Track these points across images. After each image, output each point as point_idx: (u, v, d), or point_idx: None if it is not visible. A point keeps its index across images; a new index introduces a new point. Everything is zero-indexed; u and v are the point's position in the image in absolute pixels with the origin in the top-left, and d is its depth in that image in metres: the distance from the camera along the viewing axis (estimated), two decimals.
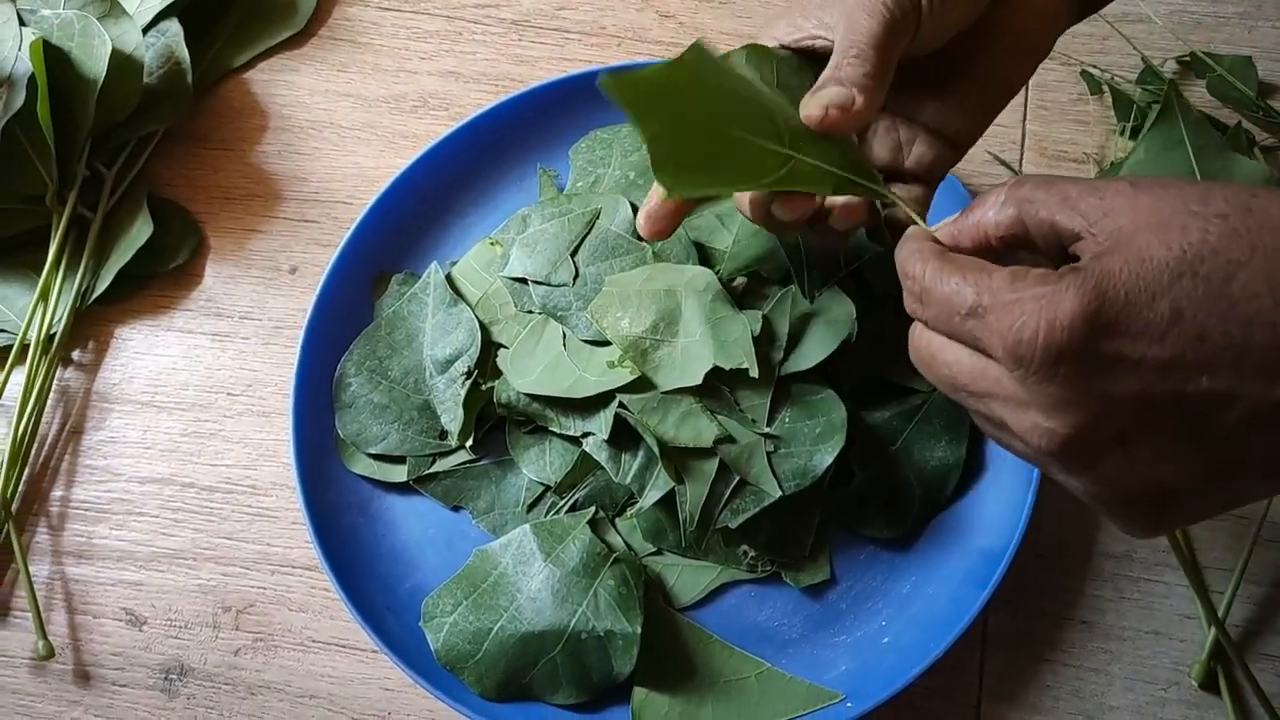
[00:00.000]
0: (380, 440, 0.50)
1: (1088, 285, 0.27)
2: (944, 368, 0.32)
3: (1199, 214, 0.27)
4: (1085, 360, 0.27)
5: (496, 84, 0.61)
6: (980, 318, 0.29)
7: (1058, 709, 0.46)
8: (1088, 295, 0.27)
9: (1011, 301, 0.28)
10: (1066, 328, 0.27)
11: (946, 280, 0.31)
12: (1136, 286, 0.27)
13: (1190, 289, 0.27)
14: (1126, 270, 0.27)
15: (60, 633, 0.50)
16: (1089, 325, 0.27)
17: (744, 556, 0.47)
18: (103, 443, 0.54)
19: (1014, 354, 0.28)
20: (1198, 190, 0.28)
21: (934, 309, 0.31)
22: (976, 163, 0.57)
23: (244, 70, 0.63)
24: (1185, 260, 0.27)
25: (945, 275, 0.31)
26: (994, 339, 0.29)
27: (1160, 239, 0.27)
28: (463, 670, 0.45)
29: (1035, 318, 0.28)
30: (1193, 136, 0.32)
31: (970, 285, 0.30)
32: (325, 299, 0.52)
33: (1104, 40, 0.60)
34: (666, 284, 0.49)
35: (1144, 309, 0.27)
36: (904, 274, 0.33)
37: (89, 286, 0.56)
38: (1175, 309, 0.27)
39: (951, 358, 0.32)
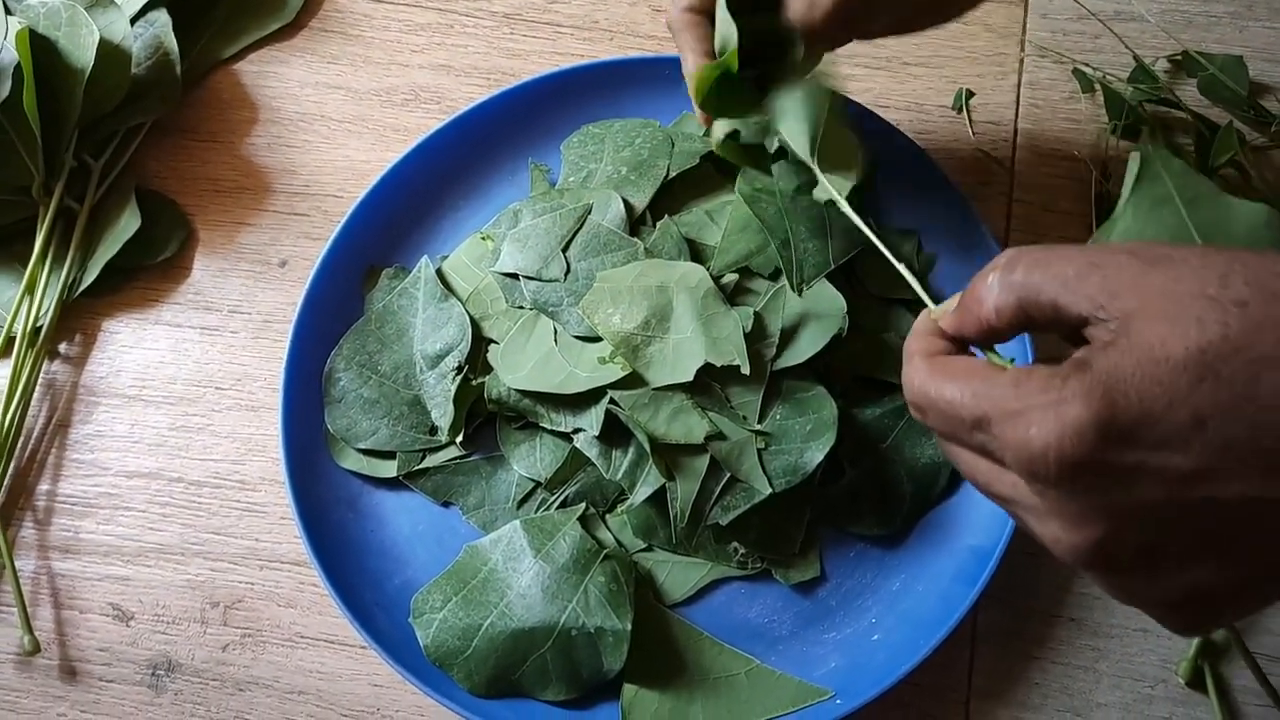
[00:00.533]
0: (370, 435, 0.50)
1: (1096, 392, 0.25)
2: (965, 470, 0.31)
3: (1216, 301, 0.25)
4: (1102, 472, 0.26)
5: (488, 78, 0.61)
6: (987, 430, 0.28)
7: (1046, 706, 0.46)
8: (1097, 403, 0.25)
9: (1018, 412, 0.27)
10: (1077, 439, 0.25)
11: (944, 390, 0.29)
12: (1151, 392, 0.25)
13: (1212, 393, 0.24)
14: (1139, 373, 0.25)
15: (46, 628, 0.49)
16: (1101, 435, 0.25)
17: (734, 553, 0.47)
18: (90, 436, 0.53)
19: (1028, 469, 0.27)
20: (1215, 268, 0.26)
21: (937, 421, 0.30)
22: (968, 161, 0.57)
23: (233, 62, 0.62)
24: (1205, 361, 0.25)
25: (943, 386, 0.29)
26: (1005, 452, 0.27)
27: (1176, 333, 0.25)
28: (452, 666, 0.45)
29: (1044, 429, 0.26)
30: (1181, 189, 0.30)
31: (970, 396, 0.28)
32: (315, 293, 0.52)
33: (1096, 39, 0.60)
34: (658, 280, 0.49)
35: (1161, 417, 0.25)
36: (904, 384, 0.32)
37: (76, 279, 0.55)
38: (1196, 417, 0.25)
39: (968, 463, 0.30)
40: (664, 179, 0.53)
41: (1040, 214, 0.56)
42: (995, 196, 0.56)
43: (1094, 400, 0.25)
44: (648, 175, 0.53)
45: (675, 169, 0.53)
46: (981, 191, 0.56)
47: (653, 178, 0.53)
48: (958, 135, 0.58)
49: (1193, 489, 0.25)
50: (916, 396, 0.31)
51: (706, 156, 0.54)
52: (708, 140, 0.54)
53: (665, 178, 0.53)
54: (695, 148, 0.54)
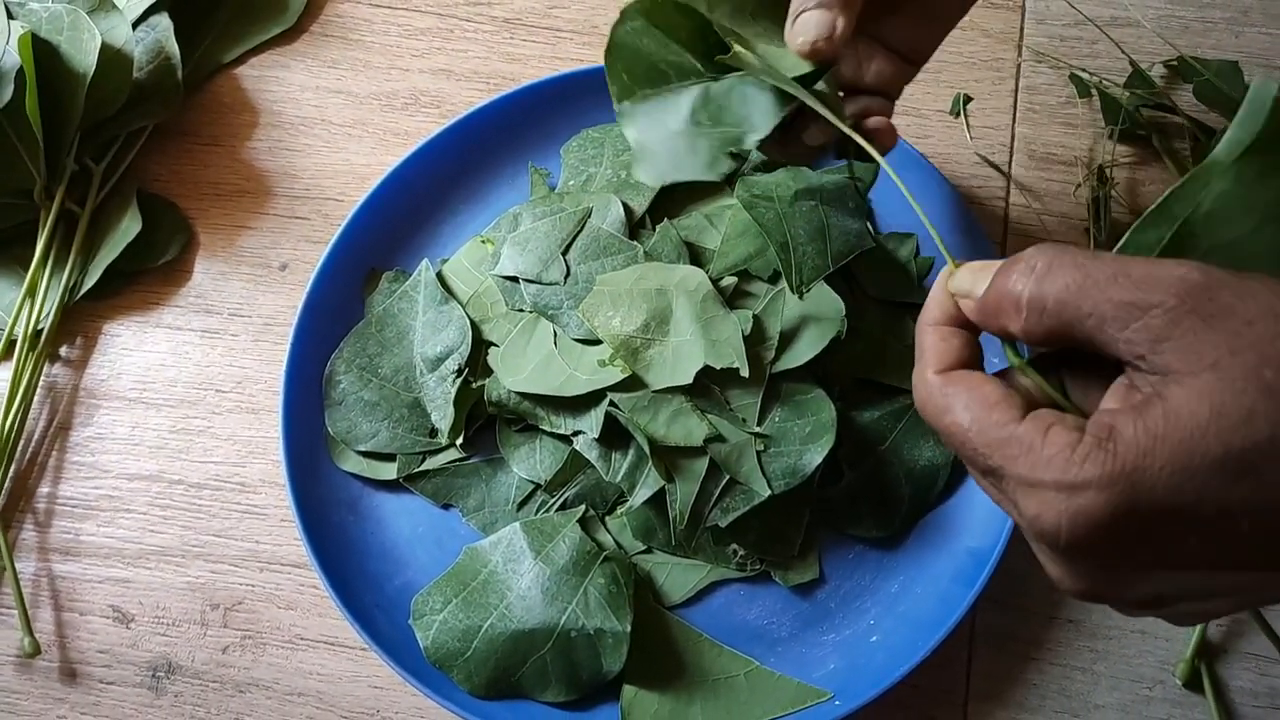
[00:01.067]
0: (370, 438, 0.50)
1: (1118, 484, 0.23)
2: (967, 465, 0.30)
3: (1273, 390, 0.23)
4: (1110, 556, 0.25)
5: (488, 82, 0.61)
6: (997, 480, 0.27)
7: (1044, 707, 0.46)
8: (1116, 496, 0.23)
9: (1031, 484, 0.25)
10: (1089, 529, 0.24)
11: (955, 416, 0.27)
12: (1179, 487, 0.23)
13: (1249, 493, 0.23)
14: (1170, 466, 0.23)
15: (47, 630, 0.49)
16: (1115, 529, 0.24)
17: (733, 555, 0.47)
18: (90, 439, 0.53)
19: (1037, 536, 0.26)
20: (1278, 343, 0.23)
21: (945, 440, 0.28)
22: (966, 164, 0.57)
23: (234, 66, 0.62)
24: (1246, 462, 0.23)
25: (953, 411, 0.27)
26: (1013, 510, 0.27)
27: (1221, 425, 0.23)
28: (452, 668, 0.45)
29: (1056, 512, 0.24)
30: None
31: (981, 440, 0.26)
32: (315, 296, 0.52)
33: (1093, 44, 0.60)
34: (658, 283, 0.49)
35: (1185, 513, 0.23)
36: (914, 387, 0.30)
37: (77, 282, 0.56)
38: (1225, 512, 0.23)
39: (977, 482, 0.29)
40: (663, 183, 0.53)
41: (1037, 218, 0.56)
42: (992, 201, 0.57)
43: (1114, 493, 0.24)
44: None
45: None
46: (979, 195, 0.57)
47: None
48: (955, 140, 0.58)
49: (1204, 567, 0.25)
50: (924, 414, 0.29)
51: None
52: None
53: (664, 181, 0.53)
54: None
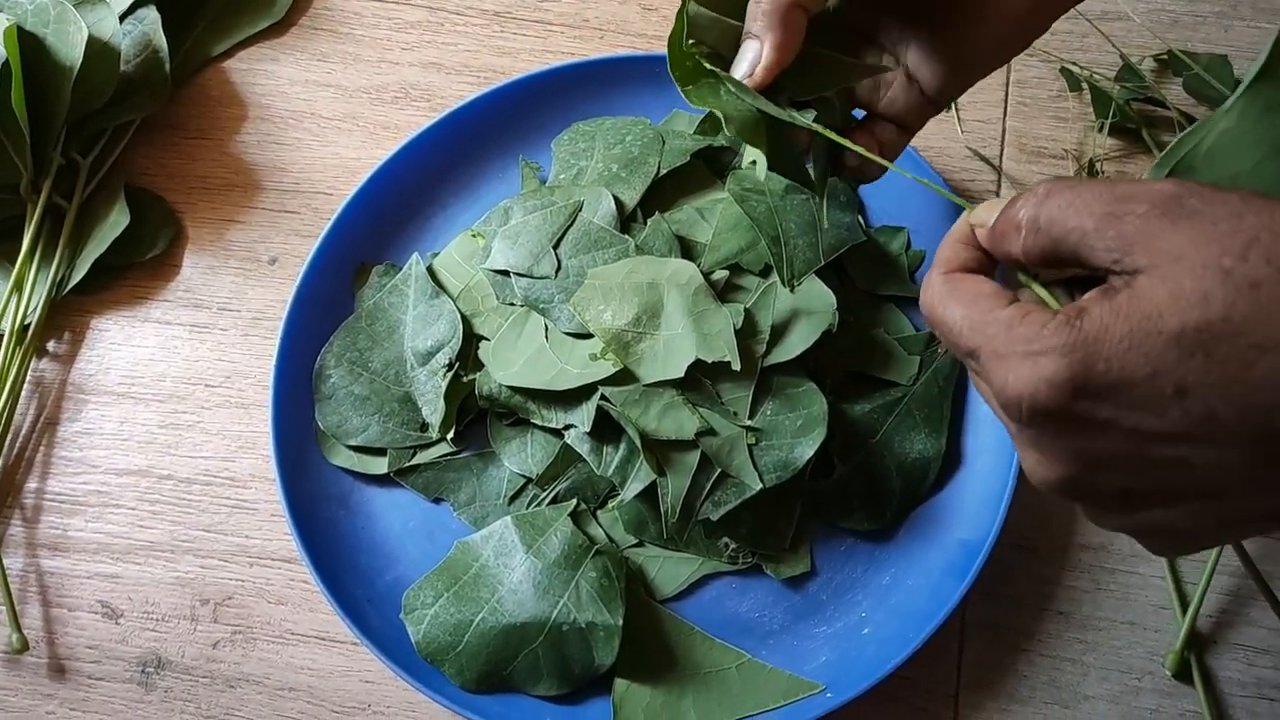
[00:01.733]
0: (361, 432, 0.50)
1: (1078, 352, 0.26)
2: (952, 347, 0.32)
3: (1229, 276, 0.24)
4: (1070, 420, 0.26)
5: (478, 75, 0.61)
6: (976, 360, 0.29)
7: (1034, 698, 0.46)
8: (1074, 364, 0.26)
9: (1002, 355, 0.28)
10: (1049, 393, 0.26)
11: (949, 312, 0.30)
12: (1134, 361, 0.25)
13: (1201, 369, 0.24)
14: (1128, 340, 0.25)
15: (35, 626, 0.49)
16: (1073, 393, 0.26)
17: (725, 548, 0.47)
18: (79, 434, 0.53)
19: (1005, 409, 0.28)
20: (1241, 235, 0.25)
21: (940, 334, 0.31)
22: (957, 158, 0.57)
23: (223, 59, 0.62)
24: (1199, 339, 0.24)
25: (948, 308, 0.30)
26: (987, 387, 0.29)
27: (1178, 305, 0.25)
28: (444, 662, 0.45)
29: (1019, 379, 0.27)
30: None
31: (968, 327, 0.29)
32: (305, 290, 0.52)
33: (1083, 38, 0.60)
34: (649, 277, 0.49)
35: (1140, 383, 0.25)
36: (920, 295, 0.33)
37: (64, 276, 0.55)
38: (1179, 387, 0.25)
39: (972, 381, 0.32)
40: (655, 176, 0.53)
41: None
42: (983, 194, 0.57)
43: (1071, 360, 0.26)
44: (638, 172, 0.54)
45: (666, 166, 0.54)
46: (970, 189, 0.57)
47: (643, 175, 0.53)
48: (946, 133, 0.58)
49: (1164, 448, 0.26)
50: (925, 310, 0.31)
51: (697, 154, 0.54)
52: (698, 138, 0.55)
53: (656, 175, 0.53)
54: (685, 145, 0.54)
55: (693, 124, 0.56)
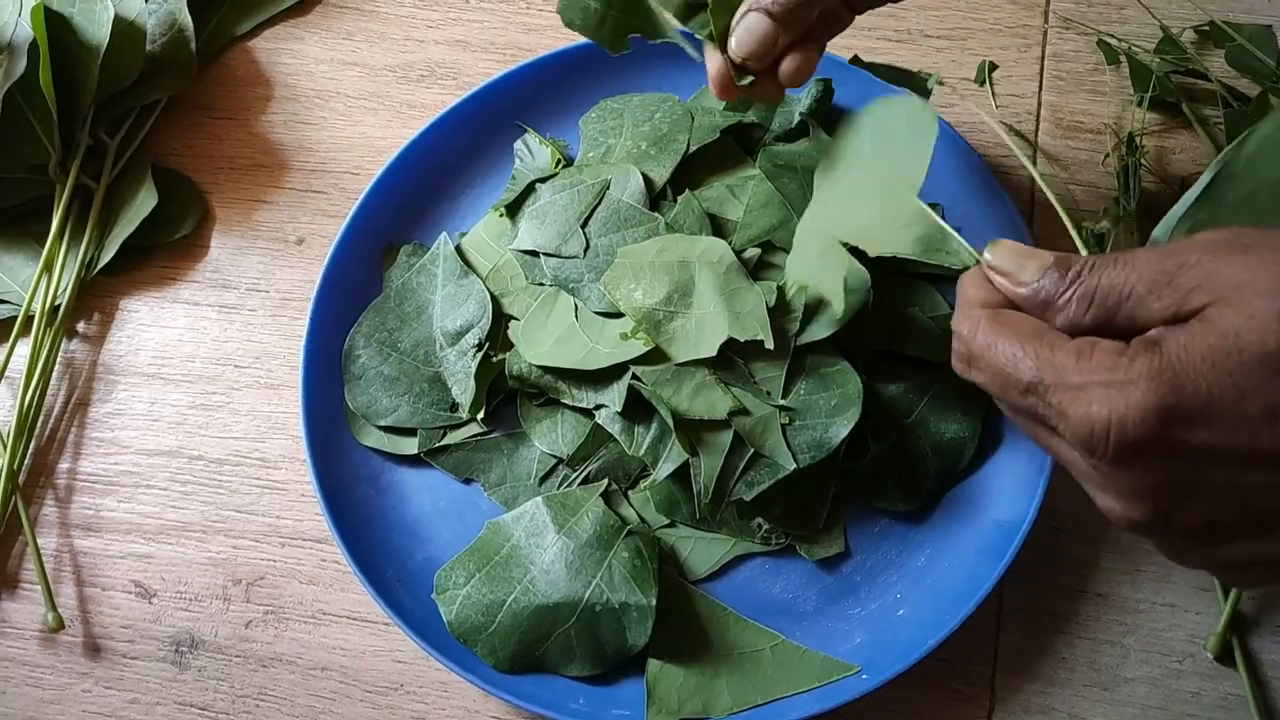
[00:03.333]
0: (390, 413, 0.50)
1: (1165, 376, 0.25)
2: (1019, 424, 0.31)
3: None
4: (1162, 454, 0.25)
5: (505, 53, 0.60)
6: (1040, 395, 0.27)
7: (1073, 680, 0.46)
8: (1164, 388, 0.25)
9: (1078, 386, 0.26)
10: (1140, 423, 0.25)
11: (1003, 347, 0.28)
12: (1222, 382, 0.24)
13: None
14: (1211, 362, 0.25)
15: (69, 605, 0.49)
16: (1164, 420, 0.25)
17: (758, 529, 0.47)
18: (109, 415, 0.53)
19: (1085, 443, 0.26)
20: None
21: (987, 377, 0.29)
22: (991, 134, 0.56)
23: (248, 38, 0.62)
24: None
25: (1001, 342, 0.28)
26: (1058, 421, 0.27)
27: (1254, 327, 0.24)
28: (476, 642, 0.45)
29: (1105, 409, 0.25)
30: None
31: (1029, 359, 0.28)
32: (333, 270, 0.52)
33: (1121, 9, 0.59)
34: (680, 255, 0.48)
35: (1230, 407, 0.24)
36: (956, 331, 0.31)
37: (93, 257, 0.55)
38: (1270, 408, 0.24)
39: (1027, 428, 0.30)
40: (684, 153, 0.53)
41: (1064, 187, 0.55)
42: (1018, 169, 0.56)
43: (1160, 385, 0.25)
44: (668, 150, 0.53)
45: (695, 143, 0.53)
46: (1005, 164, 0.56)
47: (673, 152, 0.53)
48: (980, 108, 0.57)
49: (1256, 474, 0.25)
50: (970, 346, 0.30)
51: (727, 130, 0.53)
52: (728, 115, 0.54)
53: (685, 152, 0.53)
54: (715, 122, 0.53)
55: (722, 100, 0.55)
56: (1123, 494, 0.27)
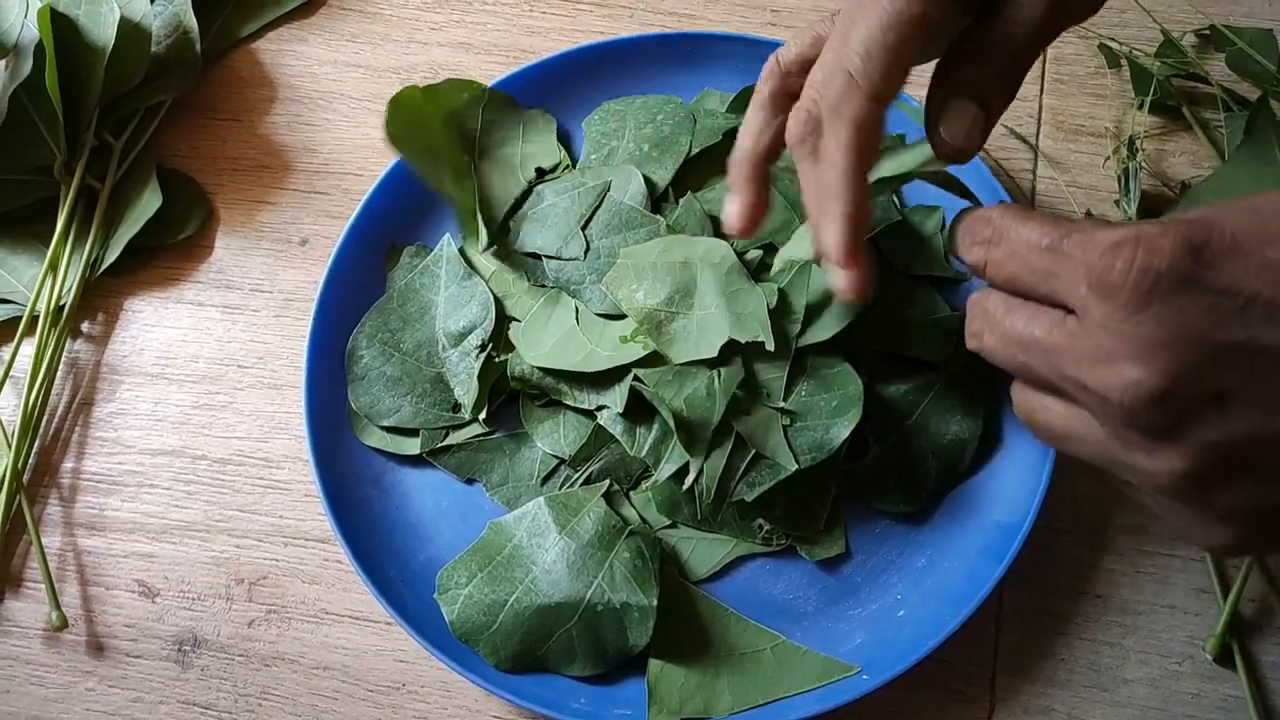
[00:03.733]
0: (393, 413, 0.50)
1: (1191, 220, 0.25)
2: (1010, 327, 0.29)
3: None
4: (1185, 289, 0.24)
5: (508, 55, 0.60)
6: (1059, 251, 0.27)
7: (1072, 682, 0.46)
8: (1192, 228, 0.24)
9: (1101, 232, 0.26)
10: (1165, 254, 0.24)
11: (1028, 224, 0.28)
12: (1249, 230, 0.24)
13: None
14: (1236, 216, 0.25)
15: (73, 604, 0.50)
16: (1192, 253, 0.24)
17: (759, 530, 0.47)
18: (113, 415, 0.53)
19: (1102, 282, 0.25)
20: None
21: (1006, 247, 0.29)
22: (993, 137, 0.56)
23: (252, 40, 0.62)
24: None
25: (1027, 220, 0.29)
26: (1077, 271, 0.26)
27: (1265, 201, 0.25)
28: (478, 642, 0.45)
29: (1130, 244, 0.25)
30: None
31: (1054, 225, 0.27)
32: (337, 271, 0.52)
33: (1122, 13, 0.59)
34: (681, 256, 0.49)
35: (1257, 251, 0.24)
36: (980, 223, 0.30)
37: (98, 258, 0.56)
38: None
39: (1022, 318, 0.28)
40: (686, 155, 0.53)
41: (1065, 190, 0.55)
42: (1020, 173, 0.56)
43: (1188, 225, 0.25)
44: (670, 152, 0.53)
45: (698, 145, 0.53)
46: (1006, 167, 0.56)
47: (675, 154, 0.53)
48: None
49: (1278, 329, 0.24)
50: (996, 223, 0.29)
51: (729, 133, 0.53)
52: (730, 116, 0.54)
53: (688, 154, 0.53)
54: (718, 124, 0.54)
55: (724, 102, 0.55)
56: (1135, 350, 0.25)
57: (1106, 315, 0.25)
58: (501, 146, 0.54)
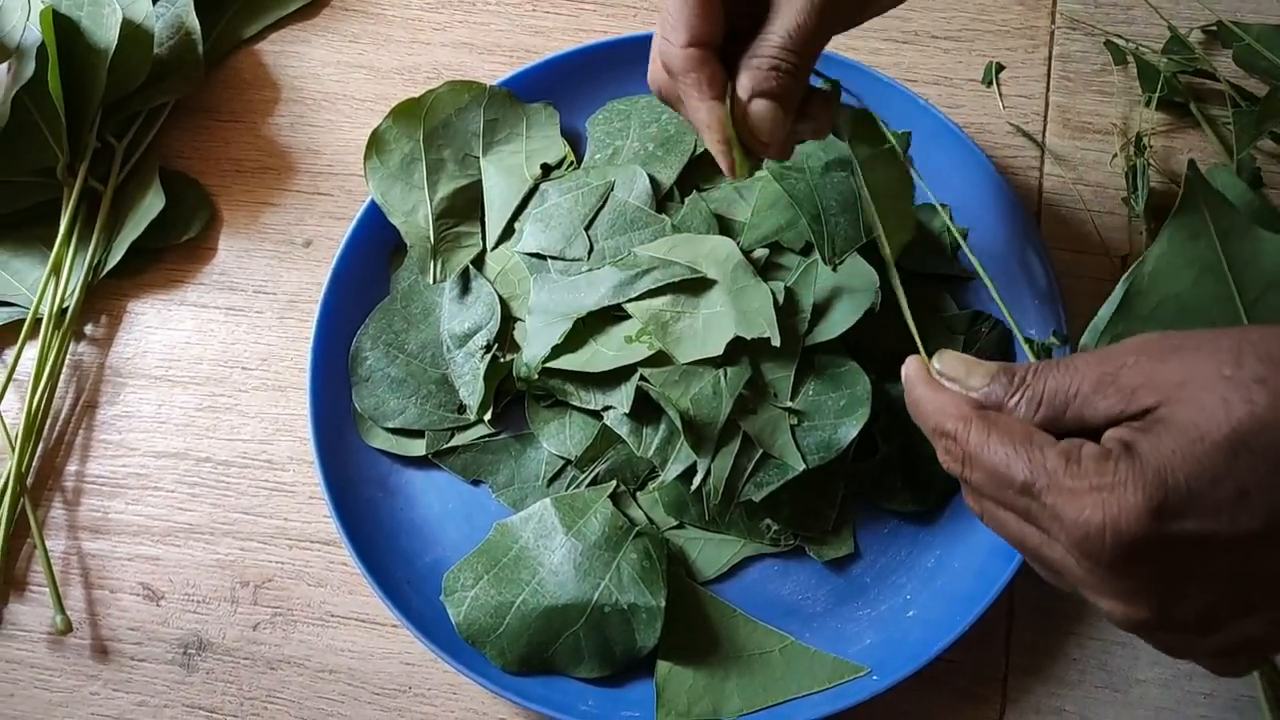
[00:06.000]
0: (398, 414, 0.50)
1: (1148, 476, 0.27)
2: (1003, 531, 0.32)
3: (1235, 380, 0.27)
4: (1156, 549, 0.27)
5: (511, 55, 0.60)
6: (1036, 498, 0.29)
7: (1084, 682, 0.45)
8: (1150, 488, 0.27)
9: (1071, 490, 0.28)
10: (1134, 523, 0.27)
11: (994, 450, 0.30)
12: (1196, 471, 0.26)
13: (1249, 466, 0.26)
14: (1180, 454, 0.27)
15: (77, 607, 0.49)
16: (1157, 518, 0.27)
17: (767, 530, 0.47)
18: (117, 417, 0.53)
19: (1081, 548, 0.28)
20: (1227, 350, 0.28)
21: (981, 476, 0.31)
22: (999, 134, 0.56)
23: (255, 41, 0.62)
24: (1238, 438, 0.26)
25: (993, 443, 0.30)
26: (1054, 525, 0.28)
27: (1206, 416, 0.27)
28: (484, 644, 0.45)
29: (1099, 513, 0.27)
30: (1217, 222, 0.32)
31: (1022, 461, 0.29)
32: (340, 272, 0.52)
33: (1128, 10, 0.59)
34: (687, 255, 0.48)
35: (1207, 494, 0.26)
36: (939, 430, 0.32)
37: (101, 260, 0.55)
38: (1240, 489, 0.26)
39: (1015, 530, 0.31)
40: (691, 154, 0.53)
41: (1071, 187, 0.55)
42: (1026, 170, 0.56)
43: (1145, 485, 0.27)
44: (675, 151, 0.53)
45: (702, 144, 0.53)
46: (1013, 165, 0.56)
47: (680, 153, 0.53)
48: (988, 109, 0.57)
49: (1240, 553, 0.27)
50: (964, 448, 0.31)
51: None
52: None
53: (693, 153, 0.53)
54: None
55: None
56: (1120, 594, 0.28)
57: (1089, 568, 0.28)
58: (505, 144, 0.54)
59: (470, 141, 0.54)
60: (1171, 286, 0.33)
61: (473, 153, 0.54)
